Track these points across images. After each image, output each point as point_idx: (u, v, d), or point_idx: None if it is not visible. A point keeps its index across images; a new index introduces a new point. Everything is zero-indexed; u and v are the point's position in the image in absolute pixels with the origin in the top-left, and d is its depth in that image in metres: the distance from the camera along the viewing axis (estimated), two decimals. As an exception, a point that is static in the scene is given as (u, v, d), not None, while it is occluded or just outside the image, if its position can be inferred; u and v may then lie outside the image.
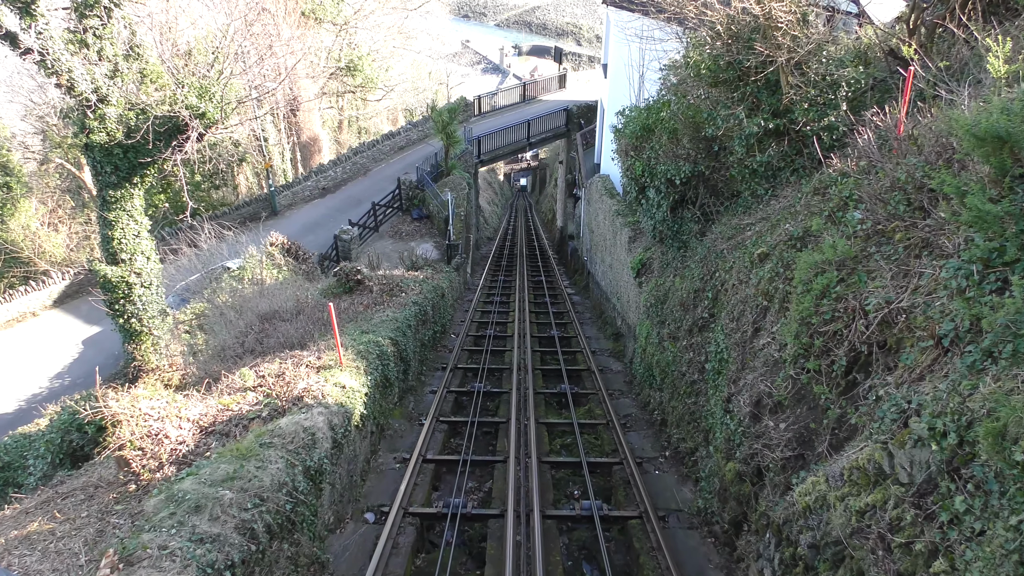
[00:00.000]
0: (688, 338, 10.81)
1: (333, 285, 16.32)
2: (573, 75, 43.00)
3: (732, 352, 8.46)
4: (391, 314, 13.39)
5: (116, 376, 21.37)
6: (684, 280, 11.92)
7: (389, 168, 33.39)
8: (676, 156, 12.82)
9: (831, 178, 8.03)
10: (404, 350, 12.54)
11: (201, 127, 17.47)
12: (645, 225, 14.30)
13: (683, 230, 13.00)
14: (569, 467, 10.49)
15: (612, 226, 18.61)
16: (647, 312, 13.46)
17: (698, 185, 12.78)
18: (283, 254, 22.57)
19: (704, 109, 12.01)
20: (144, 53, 18.27)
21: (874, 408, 5.62)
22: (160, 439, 9.04)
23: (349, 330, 12.03)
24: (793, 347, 6.77)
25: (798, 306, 6.77)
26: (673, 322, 11.65)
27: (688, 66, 11.86)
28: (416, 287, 16.42)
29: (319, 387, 8.83)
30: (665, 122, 13.27)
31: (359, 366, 9.96)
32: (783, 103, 10.67)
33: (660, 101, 13.89)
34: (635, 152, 14.06)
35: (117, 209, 18.46)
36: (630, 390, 13.87)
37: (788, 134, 10.94)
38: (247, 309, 14.03)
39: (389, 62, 49.60)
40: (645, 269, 14.66)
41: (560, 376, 14.95)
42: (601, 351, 17.01)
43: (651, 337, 12.89)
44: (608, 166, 25.10)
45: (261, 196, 29.32)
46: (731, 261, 10.01)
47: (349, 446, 8.80)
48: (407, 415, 12.27)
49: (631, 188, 14.32)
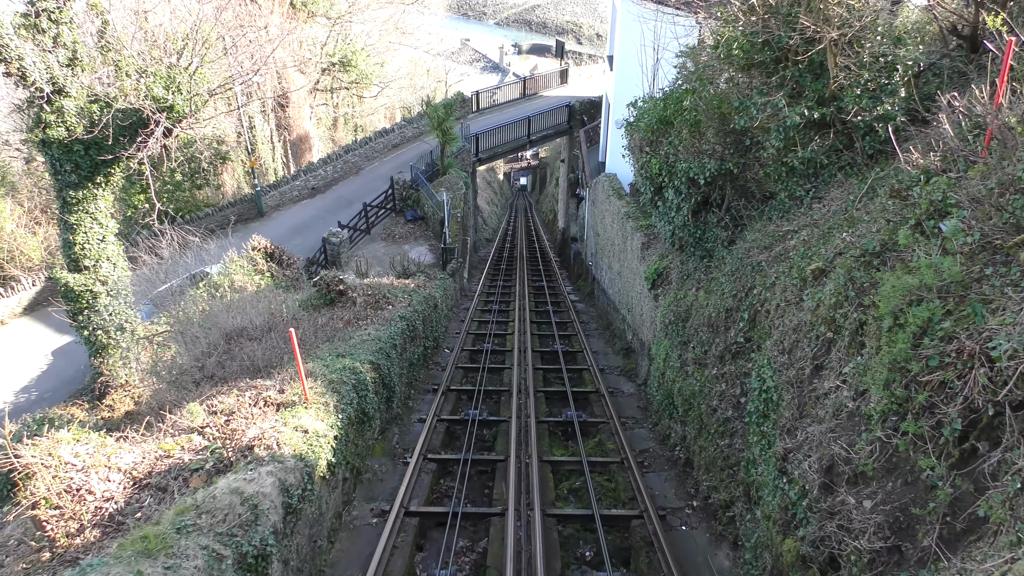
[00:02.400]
0: (719, 365, 9.18)
1: (313, 296, 14.69)
2: (575, 70, 41.37)
3: (784, 393, 6.83)
4: (374, 332, 11.74)
5: (83, 392, 19.72)
6: (711, 296, 10.29)
7: (382, 167, 31.77)
8: (699, 152, 11.19)
9: (912, 177, 6.40)
10: (387, 375, 10.92)
11: (168, 122, 15.82)
12: (662, 230, 12.68)
13: (707, 237, 11.38)
14: (579, 520, 8.86)
15: (621, 230, 16.98)
16: (665, 330, 11.84)
17: (725, 185, 11.15)
18: (266, 259, 20.95)
19: (734, 97, 10.38)
20: (110, 40, 16.68)
21: (1016, 499, 4.02)
22: (82, 495, 7.42)
23: (323, 353, 10.40)
24: (881, 400, 5.14)
25: (888, 346, 5.15)
26: (699, 345, 10.02)
27: (716, 47, 10.23)
28: (405, 298, 14.79)
29: (274, 434, 7.20)
30: (686, 113, 11.64)
31: (329, 402, 8.33)
32: (829, 89, 9.07)
33: (681, 89, 12.26)
34: (651, 148, 12.44)
35: (79, 212, 16.79)
36: (645, 418, 12.24)
37: (834, 126, 9.33)
38: (214, 325, 12.40)
39: (384, 57, 47.99)
40: (661, 280, 13.03)
41: (565, 399, 13.33)
42: (610, 369, 15.38)
43: (671, 359, 11.27)
44: (615, 164, 23.47)
45: (246, 197, 27.70)
46: (773, 276, 8.38)
47: (312, 506, 7.17)
48: (390, 451, 10.64)
49: (646, 188, 12.70)
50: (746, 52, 9.56)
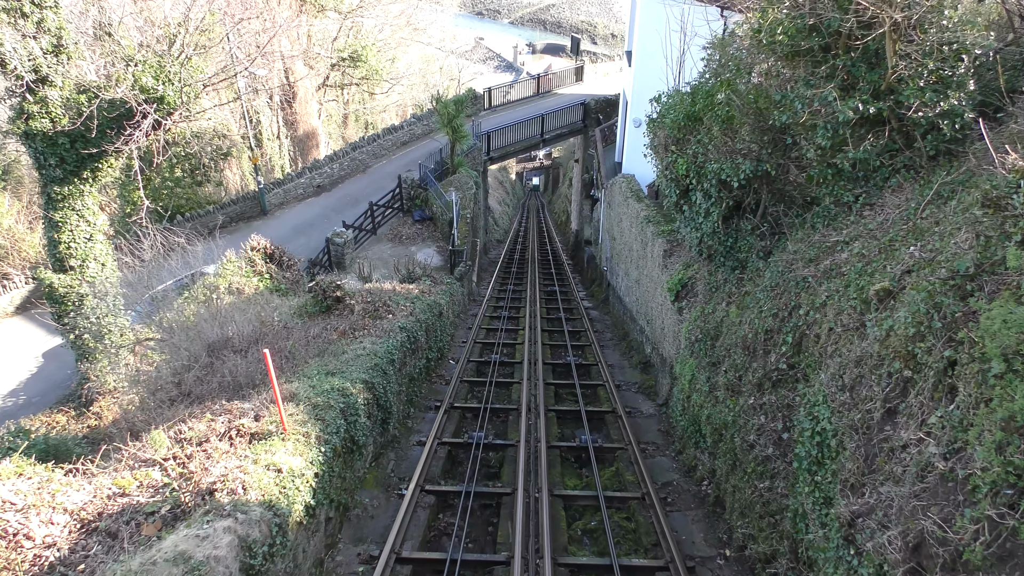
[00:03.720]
0: (756, 394, 8.05)
1: (309, 303, 13.66)
2: (590, 67, 40.17)
3: (846, 438, 5.71)
4: (370, 346, 10.68)
5: (70, 397, 18.83)
6: (745, 312, 9.16)
7: (390, 165, 30.75)
8: (732, 152, 10.04)
9: (1010, 182, 5.26)
10: (383, 396, 9.86)
11: (158, 114, 14.85)
12: (688, 237, 11.55)
13: (740, 246, 10.24)
14: (595, 571, 7.74)
15: (640, 235, 15.84)
16: (691, 347, 10.70)
17: (760, 188, 10.00)
18: (265, 260, 19.94)
19: (774, 90, 9.24)
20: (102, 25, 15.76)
21: None
22: (19, 540, 6.41)
23: (311, 370, 9.36)
24: (991, 467, 4.02)
25: (1002, 399, 4.03)
26: (732, 368, 8.89)
27: (757, 31, 9.08)
28: (407, 306, 13.73)
29: (240, 475, 6.17)
30: (718, 108, 10.49)
31: (310, 432, 7.28)
32: (886, 80, 7.93)
33: (710, 83, 11.12)
34: (676, 147, 11.30)
35: (64, 208, 15.85)
36: (667, 444, 11.12)
37: (889, 123, 8.18)
38: (198, 335, 11.39)
39: (396, 53, 47.05)
40: (686, 292, 11.89)
41: (578, 419, 12.24)
42: (627, 385, 14.25)
43: (697, 381, 10.14)
44: (632, 165, 22.32)
45: (250, 194, 26.77)
46: (823, 294, 7.25)
47: (284, 560, 6.12)
48: (384, 480, 9.58)
49: (670, 191, 11.56)
50: (791, 38, 8.43)
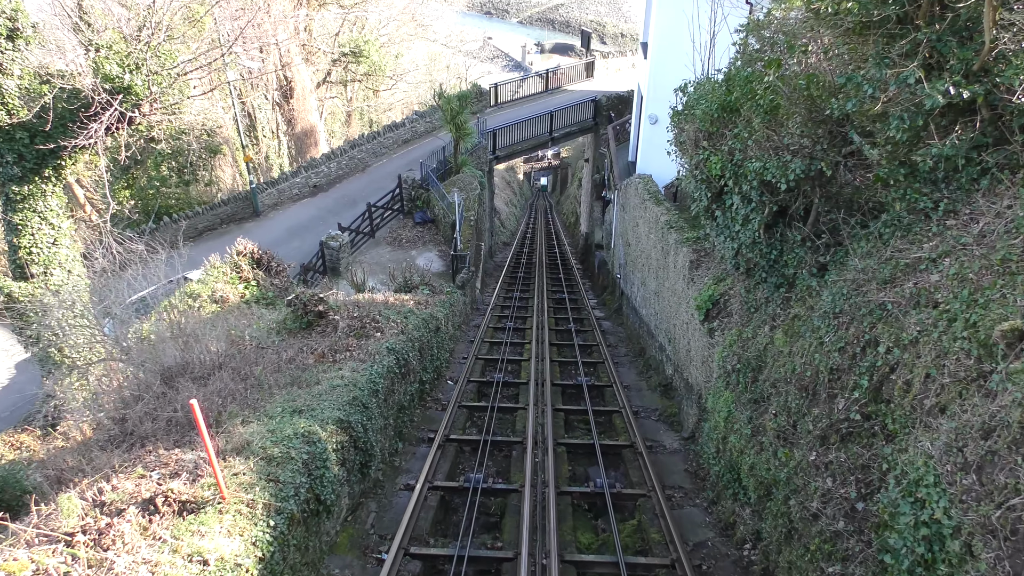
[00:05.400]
0: (819, 449, 6.45)
1: (288, 318, 12.13)
2: (602, 63, 38.51)
3: (977, 540, 4.11)
4: (349, 374, 9.12)
5: (35, 416, 17.38)
6: (797, 341, 7.56)
7: (391, 164, 29.24)
8: (777, 148, 8.42)
9: None
10: (362, 436, 8.31)
11: (124, 105, 13.36)
12: (721, 247, 9.94)
13: (786, 259, 8.64)
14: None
15: (661, 242, 14.24)
16: (726, 378, 9.11)
17: (812, 191, 8.37)
18: (252, 265, 18.45)
19: (835, 73, 7.64)
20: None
21: None
22: None
23: (275, 407, 7.81)
24: None
25: None
26: (783, 412, 7.29)
27: (810, 1, 7.48)
28: (399, 322, 12.18)
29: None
30: (759, 97, 8.88)
31: (257, 499, 5.74)
32: (982, 58, 6.34)
33: (747, 69, 9.52)
34: (709, 142, 9.72)
35: (25, 210, 14.35)
36: (697, 490, 9.52)
37: (979, 111, 6.57)
38: (154, 357, 9.88)
39: (400, 49, 45.62)
40: (718, 311, 10.29)
41: (592, 455, 10.68)
42: (645, 411, 12.66)
43: (735, 420, 8.54)
44: (648, 164, 20.72)
45: (242, 194, 25.32)
46: (913, 328, 5.64)
47: None
48: (360, 540, 8.01)
49: (700, 193, 9.97)
50: (862, 6, 6.84)
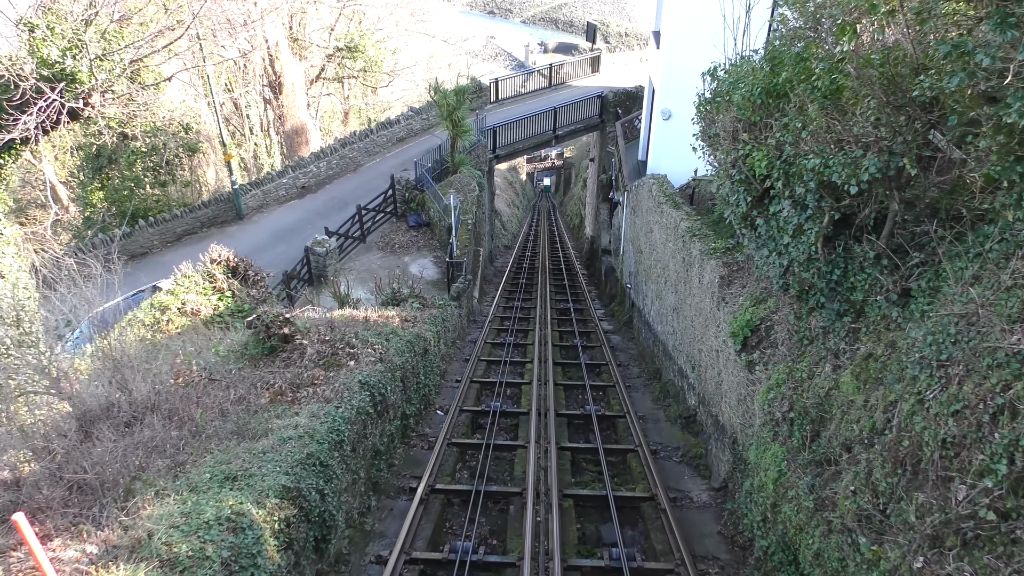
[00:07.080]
0: (928, 553, 4.68)
1: (250, 342, 10.39)
2: (608, 57, 36.74)
3: None
4: (306, 421, 7.36)
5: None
6: (877, 390, 5.80)
7: (384, 163, 27.52)
8: (842, 140, 6.62)
9: None
10: (317, 506, 6.56)
11: (67, 95, 11.64)
12: (763, 262, 8.16)
13: (853, 281, 6.85)
14: None
15: (681, 251, 12.47)
16: (774, 427, 7.34)
17: (890, 194, 6.57)
18: (227, 274, 16.72)
19: (927, 42, 5.87)
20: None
21: None
22: None
23: (202, 473, 6.07)
24: None
25: None
26: (866, 489, 5.52)
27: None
28: (379, 345, 10.44)
29: None
30: (816, 79, 7.09)
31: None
32: None
33: (803, 42, 7.74)
34: (749, 134, 7.96)
35: (-41, 214, 12.74)
36: (735, 562, 7.75)
37: None
38: (75, 395, 8.15)
39: (398, 44, 43.99)
40: (759, 339, 8.51)
41: (605, 508, 8.94)
42: (665, 450, 10.90)
43: (789, 484, 6.77)
44: (660, 164, 18.95)
45: (224, 196, 23.61)
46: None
47: None
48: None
49: (739, 197, 8.19)
50: (979, -54, 5.08)
